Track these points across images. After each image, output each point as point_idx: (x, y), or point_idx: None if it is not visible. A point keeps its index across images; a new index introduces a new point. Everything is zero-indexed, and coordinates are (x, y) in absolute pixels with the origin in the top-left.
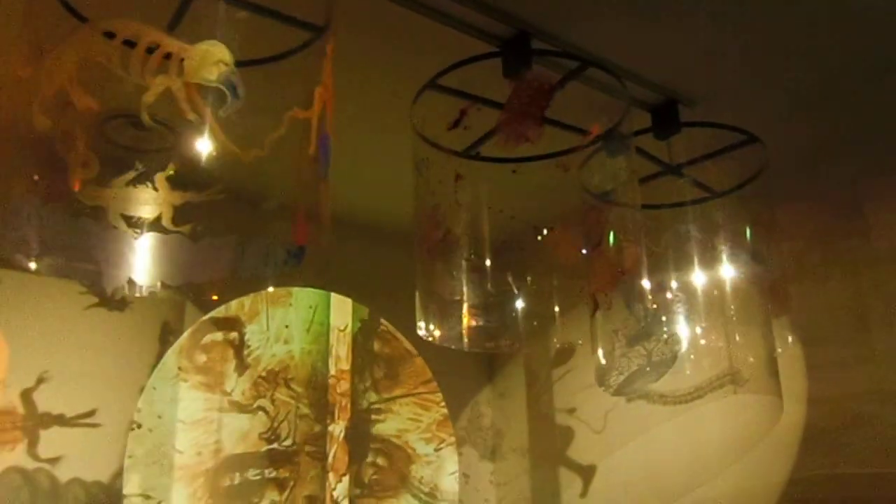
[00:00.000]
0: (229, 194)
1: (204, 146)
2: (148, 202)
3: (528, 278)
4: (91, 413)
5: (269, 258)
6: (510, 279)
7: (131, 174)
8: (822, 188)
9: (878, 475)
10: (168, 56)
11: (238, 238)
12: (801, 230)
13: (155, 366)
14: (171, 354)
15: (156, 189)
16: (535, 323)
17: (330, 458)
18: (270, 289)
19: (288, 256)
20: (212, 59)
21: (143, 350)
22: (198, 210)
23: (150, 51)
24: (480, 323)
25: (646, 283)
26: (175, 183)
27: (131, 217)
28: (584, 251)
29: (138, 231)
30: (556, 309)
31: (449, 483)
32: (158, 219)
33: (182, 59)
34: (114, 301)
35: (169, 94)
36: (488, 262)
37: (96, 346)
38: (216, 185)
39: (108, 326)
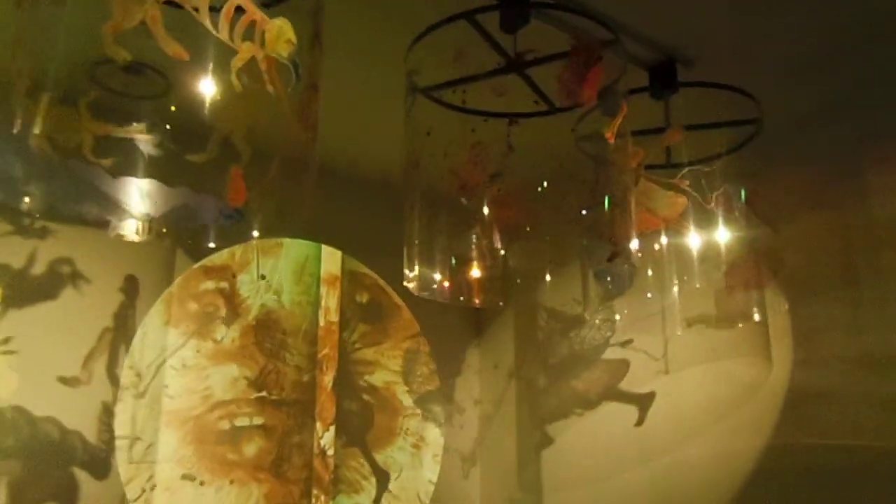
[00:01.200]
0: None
1: (197, 92)
2: (72, 129)
3: (520, 233)
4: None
5: (205, 215)
6: (502, 233)
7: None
8: (819, 151)
9: (864, 448)
10: (252, 24)
11: (183, 190)
12: (796, 193)
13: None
14: (161, 301)
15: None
16: (521, 280)
17: (317, 408)
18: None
19: (221, 216)
20: (284, 36)
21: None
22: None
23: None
24: (470, 277)
25: (634, 243)
26: (97, 113)
27: (56, 140)
28: (583, 210)
29: (60, 156)
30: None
31: (435, 434)
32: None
33: (263, 31)
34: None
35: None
36: (483, 215)
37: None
38: (212, 138)
39: (100, 270)
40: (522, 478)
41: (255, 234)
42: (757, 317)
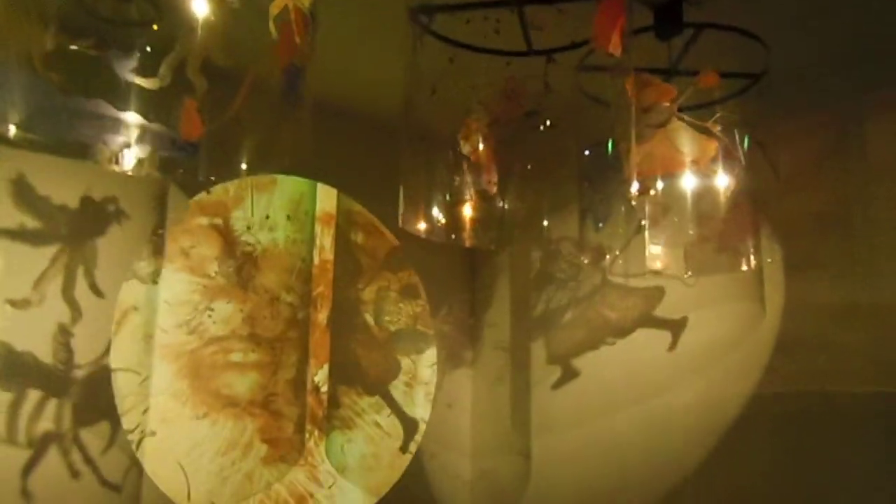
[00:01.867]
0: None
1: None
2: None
3: (520, 174)
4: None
5: (159, 145)
6: (501, 173)
7: None
8: (823, 98)
9: (848, 394)
10: None
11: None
12: (797, 140)
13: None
14: (154, 236)
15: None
16: (522, 220)
17: (311, 345)
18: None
19: (175, 149)
20: None
21: (133, 232)
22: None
23: None
24: (464, 217)
25: (635, 186)
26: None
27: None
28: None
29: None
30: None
31: (428, 374)
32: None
33: None
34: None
35: None
36: (480, 155)
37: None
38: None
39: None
40: (513, 419)
41: (244, 166)
42: (752, 263)
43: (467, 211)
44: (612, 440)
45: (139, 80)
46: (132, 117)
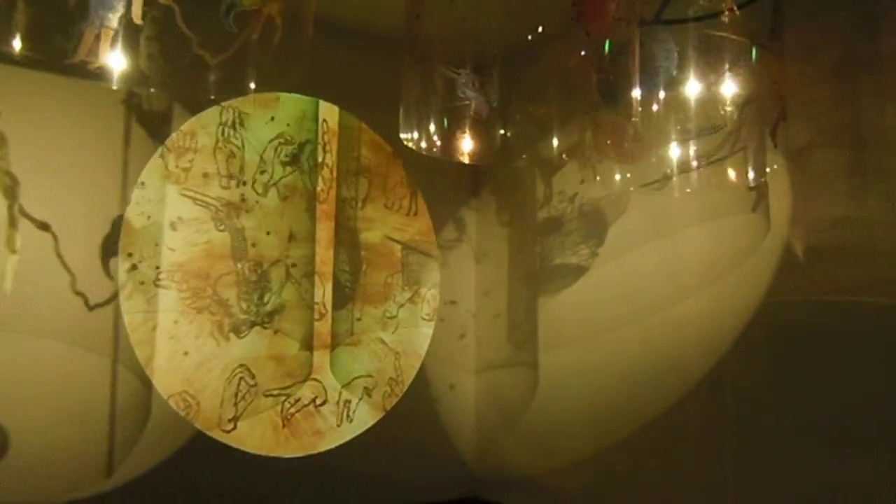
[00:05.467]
0: None
1: None
2: None
3: (526, 90)
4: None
5: None
6: (506, 89)
7: None
8: (837, 9)
9: (851, 304)
10: None
11: None
12: (807, 52)
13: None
14: (159, 155)
15: None
16: (527, 135)
17: (316, 263)
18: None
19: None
20: None
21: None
22: None
23: None
24: (464, 133)
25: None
26: None
27: None
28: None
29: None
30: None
31: (432, 292)
32: None
33: None
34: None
35: None
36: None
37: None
38: None
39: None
40: (517, 335)
41: (252, 86)
42: (757, 177)
43: (466, 128)
44: (617, 354)
45: None
46: None
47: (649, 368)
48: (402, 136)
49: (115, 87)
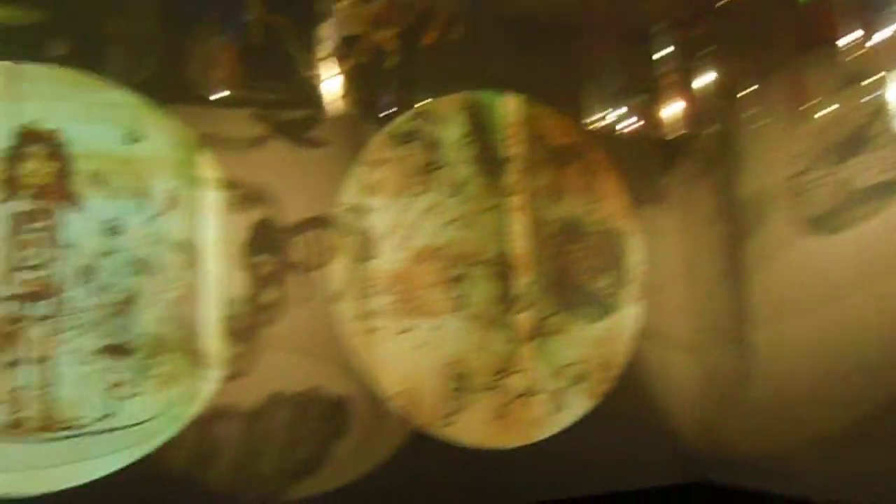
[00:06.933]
0: None
1: None
2: None
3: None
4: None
5: None
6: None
7: None
8: None
9: None
10: None
11: None
12: None
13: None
14: (355, 171)
15: None
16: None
17: (515, 256)
18: None
19: None
20: None
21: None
22: None
23: None
24: (654, 109)
25: None
26: None
27: None
28: None
29: None
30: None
31: (634, 273)
32: None
33: None
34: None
35: None
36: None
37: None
38: None
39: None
40: (731, 308)
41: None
42: None
43: (655, 101)
44: (851, 323)
45: None
46: None
47: (888, 340)
48: (590, 118)
49: None
